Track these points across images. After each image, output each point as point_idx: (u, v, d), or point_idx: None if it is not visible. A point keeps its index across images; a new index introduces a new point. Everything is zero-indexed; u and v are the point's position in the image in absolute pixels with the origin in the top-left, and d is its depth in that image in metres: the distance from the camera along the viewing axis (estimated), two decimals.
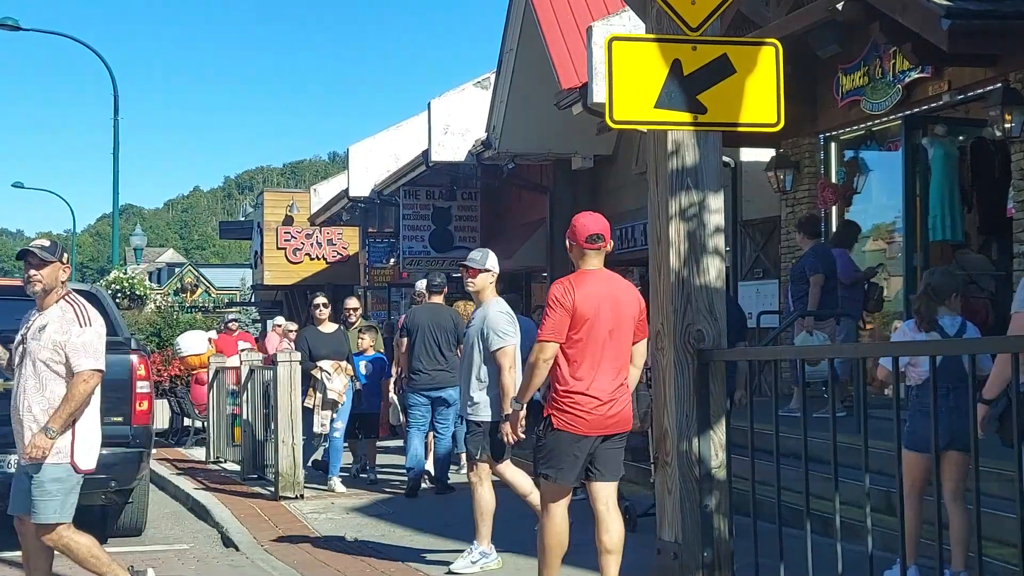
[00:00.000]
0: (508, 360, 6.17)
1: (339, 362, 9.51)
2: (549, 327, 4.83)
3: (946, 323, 5.31)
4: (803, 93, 9.95)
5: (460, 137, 16.53)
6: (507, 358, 6.17)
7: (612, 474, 5.02)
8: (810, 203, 10.68)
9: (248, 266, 37.90)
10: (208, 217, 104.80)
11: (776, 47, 3.91)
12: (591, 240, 4.97)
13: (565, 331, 4.81)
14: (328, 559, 6.73)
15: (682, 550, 3.66)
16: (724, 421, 3.72)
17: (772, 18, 9.26)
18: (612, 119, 3.83)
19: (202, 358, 13.96)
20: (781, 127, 3.92)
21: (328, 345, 9.57)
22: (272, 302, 31.26)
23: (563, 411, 4.86)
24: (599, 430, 4.86)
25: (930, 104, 9.10)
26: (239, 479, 10.34)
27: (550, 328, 4.82)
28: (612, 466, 5.00)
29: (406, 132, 20.74)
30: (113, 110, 22.68)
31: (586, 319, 4.81)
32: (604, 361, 4.83)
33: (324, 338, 9.62)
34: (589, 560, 6.53)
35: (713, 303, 3.79)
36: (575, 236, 5.01)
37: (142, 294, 21.52)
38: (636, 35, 3.96)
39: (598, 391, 4.82)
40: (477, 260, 6.43)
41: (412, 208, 18.89)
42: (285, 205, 28.21)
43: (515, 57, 14.46)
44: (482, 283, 6.40)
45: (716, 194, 3.89)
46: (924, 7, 7.48)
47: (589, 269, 4.99)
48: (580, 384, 4.82)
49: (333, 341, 9.65)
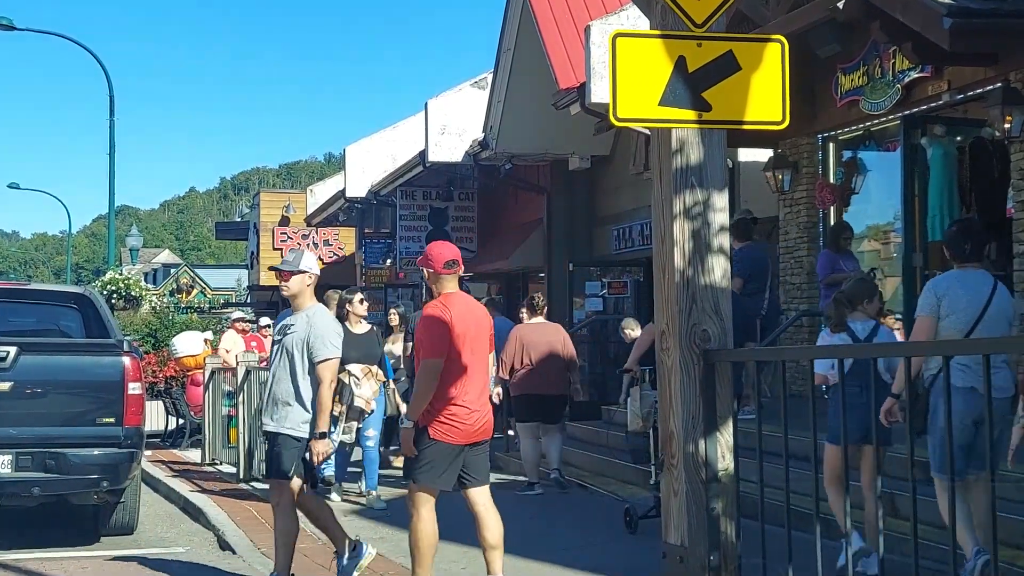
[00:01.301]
0: (331, 374, 5.84)
1: (370, 367, 8.57)
2: (434, 345, 5.29)
3: (857, 327, 5.77)
4: (802, 93, 9.90)
5: (457, 137, 16.50)
6: (330, 371, 5.82)
7: (484, 478, 5.55)
8: (808, 203, 10.66)
9: (244, 267, 37.82)
10: (204, 218, 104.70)
11: (782, 43, 3.86)
12: (448, 266, 5.44)
13: (447, 348, 5.26)
14: (326, 562, 6.67)
15: (688, 553, 3.61)
16: (731, 422, 3.68)
17: (771, 17, 9.23)
18: (616, 117, 3.78)
19: (198, 359, 13.89)
20: (786, 125, 3.88)
21: (360, 347, 8.55)
22: (268, 303, 31.18)
23: (441, 423, 5.32)
24: (470, 438, 5.38)
25: (929, 104, 9.08)
26: (235, 481, 10.28)
27: (435, 346, 5.29)
28: (483, 470, 5.54)
29: (403, 133, 20.72)
30: (109, 111, 22.60)
31: (459, 336, 5.30)
32: (473, 374, 5.36)
33: (356, 340, 8.54)
34: (581, 559, 6.52)
35: (719, 303, 3.74)
36: (432, 263, 5.46)
37: (138, 295, 21.44)
38: (640, 31, 3.91)
39: (470, 402, 5.35)
40: (290, 262, 5.97)
41: (409, 209, 18.86)
42: (281, 206, 28.19)
43: (512, 57, 14.43)
44: (297, 286, 5.91)
45: (721, 192, 3.84)
46: (925, 6, 7.46)
47: (451, 292, 5.46)
48: (456, 397, 5.30)
49: (366, 343, 8.72)
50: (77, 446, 7.07)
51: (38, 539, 7.98)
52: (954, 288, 5.30)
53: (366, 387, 8.44)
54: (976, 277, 5.34)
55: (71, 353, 7.58)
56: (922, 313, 5.31)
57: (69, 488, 7.22)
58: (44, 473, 7.01)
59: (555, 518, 8.12)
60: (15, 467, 6.95)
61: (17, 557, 7.11)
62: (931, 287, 5.42)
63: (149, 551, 7.51)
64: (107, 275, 21.86)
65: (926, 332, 5.24)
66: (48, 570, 6.72)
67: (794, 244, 10.84)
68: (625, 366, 8.50)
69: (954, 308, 5.23)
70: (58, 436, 7.09)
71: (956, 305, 5.23)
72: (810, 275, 10.48)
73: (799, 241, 10.79)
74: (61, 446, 7.05)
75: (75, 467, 7.05)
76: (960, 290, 5.28)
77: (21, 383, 7.09)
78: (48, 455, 7.01)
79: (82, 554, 7.39)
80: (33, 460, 6.98)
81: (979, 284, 5.31)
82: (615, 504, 8.16)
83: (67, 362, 7.43)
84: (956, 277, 5.41)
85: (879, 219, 10.33)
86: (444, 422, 5.30)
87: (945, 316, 5.23)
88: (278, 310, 28.73)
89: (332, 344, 5.82)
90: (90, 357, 7.44)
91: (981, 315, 5.19)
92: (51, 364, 7.35)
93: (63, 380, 7.30)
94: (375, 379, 8.56)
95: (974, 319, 5.19)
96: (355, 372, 8.32)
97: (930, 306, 5.28)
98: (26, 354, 7.12)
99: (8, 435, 6.97)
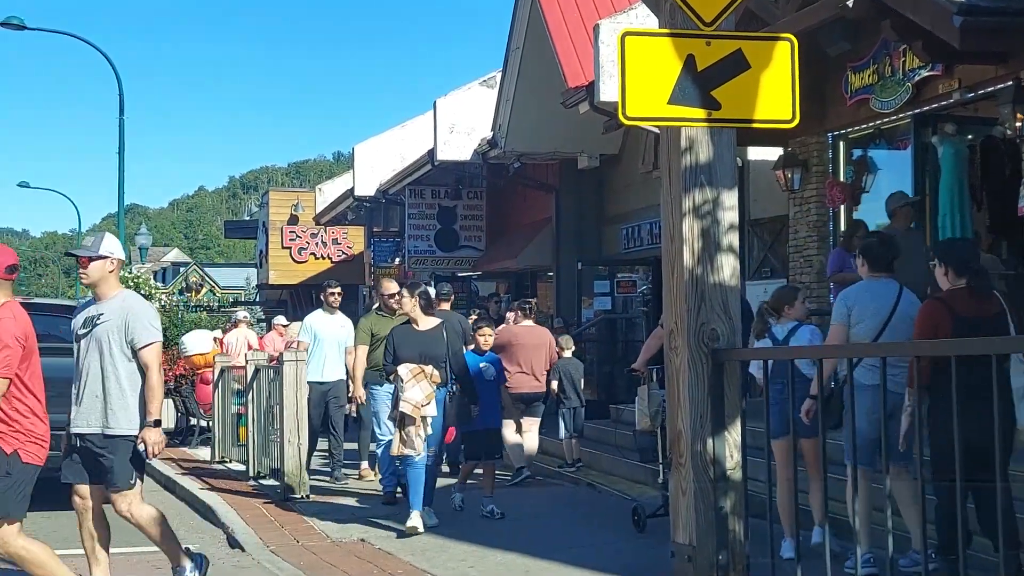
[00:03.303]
0: (157, 357, 5.42)
1: (422, 367, 7.44)
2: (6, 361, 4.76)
3: (776, 331, 6.28)
4: (811, 91, 9.87)
5: (466, 136, 16.50)
6: (156, 355, 5.40)
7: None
8: (818, 202, 10.62)
9: (253, 265, 37.88)
10: (213, 217, 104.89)
11: (792, 42, 3.86)
12: (10, 271, 4.98)
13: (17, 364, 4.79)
14: (335, 561, 6.69)
15: (696, 552, 3.61)
16: (739, 421, 3.67)
17: (781, 15, 9.20)
18: (625, 115, 3.78)
19: (207, 357, 13.92)
20: (796, 123, 3.87)
21: (415, 345, 7.60)
22: (277, 301, 31.25)
23: (33, 443, 4.92)
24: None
25: (940, 102, 9.04)
26: (244, 479, 10.30)
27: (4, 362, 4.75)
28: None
29: (412, 131, 20.72)
30: (118, 109, 22.65)
31: (31, 350, 4.87)
32: (42, 390, 4.95)
33: (413, 336, 7.65)
34: (588, 558, 6.51)
35: (728, 302, 3.73)
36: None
37: (147, 293, 21.55)
38: (650, 30, 3.91)
39: (46, 419, 4.96)
40: (88, 246, 5.51)
41: (417, 207, 18.86)
42: (290, 204, 28.22)
43: (521, 56, 14.42)
44: (98, 273, 5.44)
45: (730, 191, 3.83)
46: (935, 4, 7.42)
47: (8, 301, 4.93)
48: (40, 414, 4.91)
49: (424, 341, 7.64)
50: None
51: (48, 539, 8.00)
52: (863, 298, 5.85)
53: (415, 390, 7.34)
54: (884, 286, 5.86)
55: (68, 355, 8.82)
56: (834, 322, 5.89)
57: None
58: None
59: (563, 516, 8.11)
60: None
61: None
62: (842, 297, 5.97)
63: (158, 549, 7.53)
64: None
65: (838, 338, 5.79)
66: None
67: (803, 243, 10.82)
68: (632, 366, 8.51)
69: (863, 316, 5.76)
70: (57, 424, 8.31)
71: (865, 312, 5.77)
72: (819, 274, 10.45)
73: (809, 240, 10.76)
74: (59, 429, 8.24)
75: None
76: (868, 299, 5.83)
77: None
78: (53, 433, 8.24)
79: None
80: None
81: (886, 292, 5.83)
82: (624, 503, 8.16)
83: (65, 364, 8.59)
84: (865, 287, 5.95)
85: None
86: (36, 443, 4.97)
87: (856, 323, 5.76)
88: (287, 308, 28.88)
89: (153, 327, 5.42)
90: None
91: (888, 320, 5.71)
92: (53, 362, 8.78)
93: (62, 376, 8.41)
94: (429, 381, 7.40)
95: (881, 324, 5.71)
96: (402, 374, 7.41)
97: (841, 315, 5.84)
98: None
99: None
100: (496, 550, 6.78)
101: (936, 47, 7.82)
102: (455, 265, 18.84)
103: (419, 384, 7.35)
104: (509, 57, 14.72)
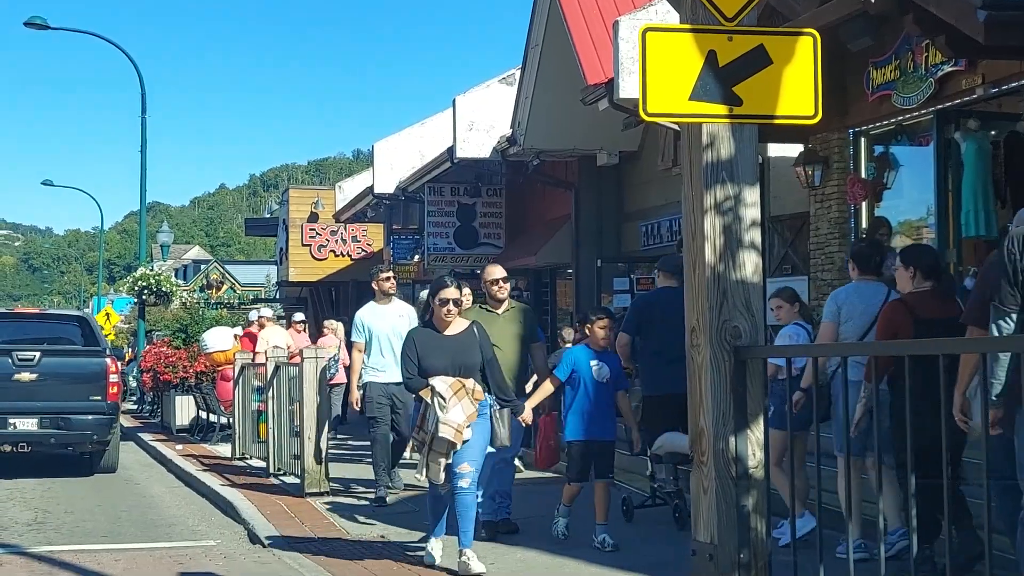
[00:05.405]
0: None
1: (462, 381, 6.21)
2: None
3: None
4: (833, 87, 9.81)
5: (485, 134, 16.49)
6: None
7: None
8: (839, 198, 10.55)
9: (273, 263, 38.02)
10: (234, 214, 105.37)
11: (814, 37, 3.83)
12: None
13: None
14: (356, 556, 6.70)
15: (717, 551, 3.59)
16: (762, 419, 3.65)
17: (802, 10, 9.14)
18: (646, 112, 3.75)
19: (227, 354, 13.98)
20: (818, 119, 3.84)
21: (445, 354, 6.30)
22: (297, 298, 31.35)
23: None
24: None
25: (963, 98, 8.95)
26: (265, 475, 10.35)
27: None
28: None
29: (431, 129, 20.72)
30: (141, 108, 22.79)
31: None
32: None
33: (441, 343, 6.34)
34: (591, 554, 6.49)
35: (750, 299, 3.71)
36: None
37: (168, 291, 21.62)
38: (670, 25, 3.88)
39: None
40: None
41: (437, 205, 18.86)
42: (310, 202, 28.28)
43: (540, 52, 14.38)
44: None
45: (752, 188, 3.80)
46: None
47: None
48: None
49: (455, 347, 6.33)
50: (78, 413, 11.19)
51: (71, 535, 8.07)
52: (851, 298, 6.18)
53: (456, 410, 6.09)
54: (871, 288, 6.20)
55: (74, 356, 11.75)
56: (825, 319, 6.24)
57: (73, 440, 11.38)
58: (57, 430, 11.20)
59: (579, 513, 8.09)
60: (40, 426, 11.18)
61: (51, 549, 7.22)
62: (832, 298, 6.31)
63: (180, 544, 7.59)
64: (138, 271, 22.05)
65: (829, 336, 6.11)
66: (82, 562, 6.81)
67: (825, 240, 10.75)
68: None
69: (851, 315, 6.09)
70: (66, 407, 11.19)
71: (853, 312, 6.10)
72: (840, 271, 10.37)
73: (830, 237, 10.69)
74: (68, 413, 11.17)
75: (76, 426, 11.22)
76: (856, 300, 6.15)
77: (43, 375, 11.24)
78: (60, 419, 11.15)
79: (115, 546, 7.49)
80: (51, 422, 11.16)
81: (874, 294, 6.14)
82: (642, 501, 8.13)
83: (71, 361, 11.63)
84: (854, 289, 6.27)
85: (911, 215, 10.21)
86: None
87: (844, 322, 6.09)
88: (307, 306, 28.96)
89: None
90: (86, 358, 11.64)
91: (874, 322, 5.96)
92: (62, 362, 11.55)
93: (69, 372, 11.44)
94: (471, 398, 6.18)
95: (868, 324, 6.00)
96: (440, 389, 6.12)
97: (831, 313, 6.17)
98: (46, 356, 11.35)
99: (36, 406, 11.14)
100: (516, 548, 6.79)
101: (960, 42, 7.74)
102: (474, 262, 18.82)
103: (461, 403, 6.11)
104: (528, 54, 14.69)
